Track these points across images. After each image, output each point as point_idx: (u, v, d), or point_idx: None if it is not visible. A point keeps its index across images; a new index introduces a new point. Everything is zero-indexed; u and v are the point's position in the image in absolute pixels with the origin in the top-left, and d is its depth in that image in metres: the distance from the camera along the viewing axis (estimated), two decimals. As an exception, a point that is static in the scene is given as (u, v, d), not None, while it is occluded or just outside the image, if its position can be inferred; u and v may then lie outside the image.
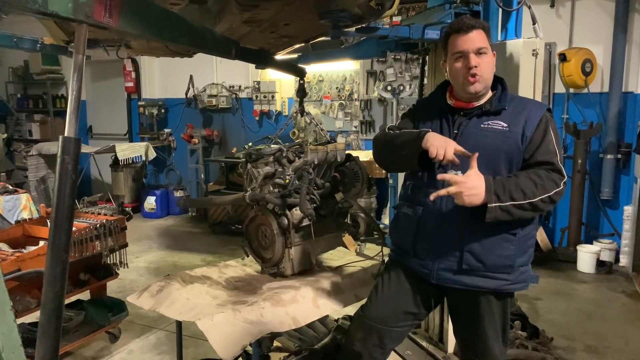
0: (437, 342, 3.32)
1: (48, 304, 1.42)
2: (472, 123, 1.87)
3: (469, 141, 1.83)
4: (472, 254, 1.83)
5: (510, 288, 1.89)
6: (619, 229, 5.14)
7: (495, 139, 1.82)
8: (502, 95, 1.89)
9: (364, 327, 2.03)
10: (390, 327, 2.00)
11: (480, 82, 1.84)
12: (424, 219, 1.92)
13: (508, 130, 1.82)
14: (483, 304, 1.89)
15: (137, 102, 7.82)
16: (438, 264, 1.90)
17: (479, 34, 1.84)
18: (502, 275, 1.84)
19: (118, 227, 3.19)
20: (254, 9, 2.15)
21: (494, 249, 1.82)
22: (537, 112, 1.84)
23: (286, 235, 2.32)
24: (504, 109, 1.86)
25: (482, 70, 1.82)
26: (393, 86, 6.10)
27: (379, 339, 1.99)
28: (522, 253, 1.86)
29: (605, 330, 3.68)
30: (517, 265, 1.84)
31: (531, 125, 1.81)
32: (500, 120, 1.84)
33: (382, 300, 2.04)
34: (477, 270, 1.84)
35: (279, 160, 2.40)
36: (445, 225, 1.87)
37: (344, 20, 2.16)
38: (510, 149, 1.81)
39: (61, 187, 1.39)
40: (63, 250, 1.41)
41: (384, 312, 2.01)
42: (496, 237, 1.82)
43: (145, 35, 1.74)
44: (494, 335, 1.91)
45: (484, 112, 1.87)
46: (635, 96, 5.13)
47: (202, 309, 1.99)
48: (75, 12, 1.38)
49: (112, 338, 3.41)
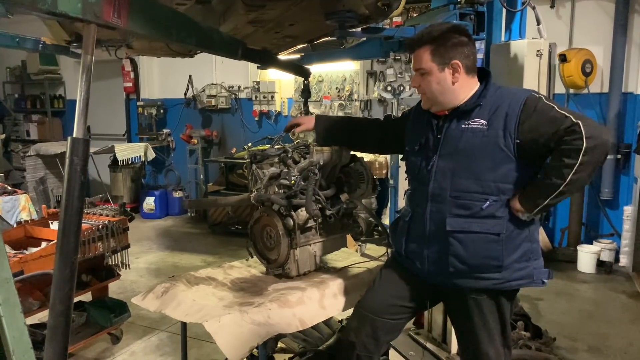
0: (440, 343, 3.31)
1: (57, 306, 1.41)
2: (453, 124, 1.86)
3: (450, 143, 1.86)
4: (456, 257, 1.83)
5: (504, 286, 1.85)
6: (619, 229, 5.15)
7: (473, 139, 1.80)
8: (482, 91, 1.84)
9: (358, 317, 2.06)
10: (384, 319, 2.01)
11: (425, 101, 1.90)
12: (413, 223, 1.98)
13: (487, 129, 1.78)
14: (472, 306, 1.89)
15: (135, 103, 7.80)
16: (427, 266, 1.93)
17: (422, 52, 1.83)
18: (492, 275, 1.83)
19: (120, 228, 3.17)
20: (261, 9, 2.15)
21: (478, 251, 1.81)
22: (518, 101, 1.77)
23: (291, 236, 2.31)
24: (480, 105, 1.82)
25: (423, 90, 1.87)
26: (393, 86, 6.10)
27: (372, 329, 2.01)
28: (513, 250, 1.82)
29: (607, 331, 3.69)
30: (507, 263, 1.81)
31: (514, 116, 1.75)
32: (481, 118, 1.81)
33: (377, 292, 2.08)
34: (464, 273, 1.84)
35: (284, 161, 2.38)
36: (430, 229, 1.90)
37: (351, 20, 2.16)
38: (489, 149, 1.77)
39: (70, 189, 1.38)
40: (72, 253, 1.40)
41: (378, 303, 2.04)
42: (480, 239, 1.80)
43: (153, 35, 1.73)
44: (487, 339, 1.89)
45: (461, 112, 1.85)
46: (635, 97, 5.15)
47: (209, 311, 1.98)
48: (84, 12, 1.37)
49: (114, 339, 3.39)
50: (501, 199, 1.80)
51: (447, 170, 1.85)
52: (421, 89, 1.86)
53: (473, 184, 1.80)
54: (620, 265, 5.03)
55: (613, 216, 5.29)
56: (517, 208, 1.80)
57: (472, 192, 1.81)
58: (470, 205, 1.81)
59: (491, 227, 1.80)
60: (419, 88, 1.87)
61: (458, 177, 1.83)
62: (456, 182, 1.83)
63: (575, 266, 5.02)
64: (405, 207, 2.08)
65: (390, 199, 5.69)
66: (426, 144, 1.94)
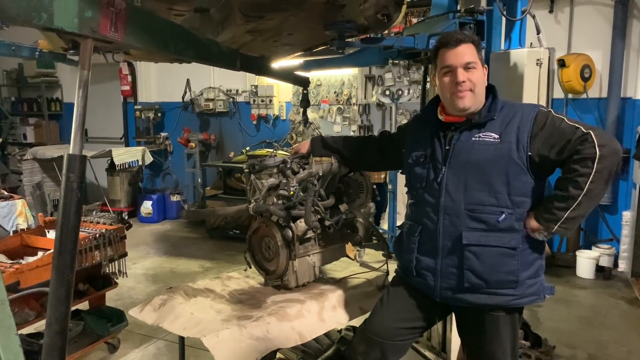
0: (439, 352, 3.30)
1: (53, 325, 1.38)
2: (463, 137, 1.85)
3: (460, 156, 1.83)
4: (472, 272, 1.81)
5: (518, 303, 1.86)
6: (618, 235, 5.15)
7: (486, 152, 1.80)
8: (492, 105, 1.85)
9: (366, 341, 2.02)
10: (393, 342, 1.99)
11: (468, 98, 1.81)
12: (423, 237, 1.93)
13: (499, 142, 1.79)
14: (488, 324, 1.87)
15: (133, 106, 7.77)
16: (440, 283, 1.89)
17: (467, 47, 1.81)
18: (507, 291, 1.82)
19: (118, 236, 3.15)
20: (259, 20, 2.13)
21: (496, 266, 1.80)
22: (529, 115, 1.79)
23: (290, 247, 2.29)
24: (493, 119, 1.82)
25: (471, 84, 1.80)
26: (391, 91, 6.10)
27: (382, 352, 1.99)
28: (527, 266, 1.83)
29: (607, 338, 3.68)
30: (522, 279, 1.81)
31: (526, 130, 1.77)
32: (492, 132, 1.81)
33: (385, 315, 2.03)
34: (480, 288, 1.82)
35: (283, 172, 2.36)
36: (444, 243, 1.86)
37: (350, 31, 2.15)
38: (502, 162, 1.78)
39: (66, 206, 1.36)
40: (68, 271, 1.38)
41: (387, 327, 2.00)
42: (497, 253, 1.79)
43: (151, 48, 1.71)
44: (502, 355, 1.89)
45: (473, 124, 1.84)
46: (633, 102, 5.15)
47: (206, 325, 1.96)
48: (80, 27, 1.35)
49: (111, 348, 3.36)
50: (516, 212, 1.79)
51: (459, 183, 1.83)
52: (467, 85, 1.79)
53: (488, 197, 1.79)
54: (619, 271, 5.03)
55: (612, 221, 5.28)
56: (534, 227, 1.79)
57: (487, 205, 1.80)
58: (485, 219, 1.80)
59: (508, 241, 1.79)
60: (464, 84, 1.79)
61: (472, 190, 1.81)
62: (470, 195, 1.81)
63: (574, 271, 5.01)
64: (408, 222, 2.04)
65: (389, 204, 5.67)
66: (432, 156, 1.91)
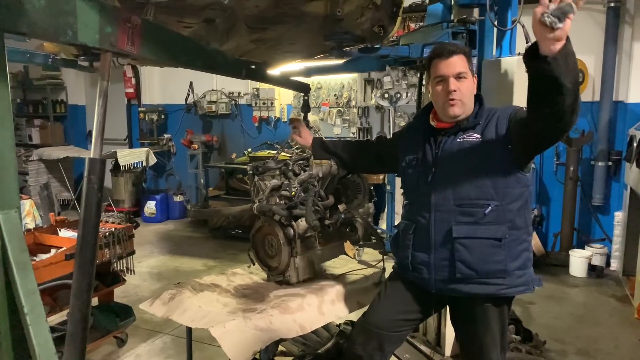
0: (434, 346, 3.43)
1: (75, 313, 1.53)
2: (450, 139, 2.02)
3: (448, 156, 2.00)
4: (463, 263, 1.94)
5: (508, 292, 1.98)
6: (610, 234, 5.28)
7: (469, 149, 1.97)
8: (479, 111, 2.02)
9: (365, 332, 2.15)
10: (390, 332, 2.12)
11: (459, 106, 1.97)
12: (417, 234, 2.07)
13: (481, 140, 1.96)
14: (479, 314, 2.01)
15: (137, 108, 7.90)
16: (435, 275, 2.02)
17: (459, 59, 1.97)
18: (497, 280, 1.95)
19: (126, 235, 3.29)
20: (262, 31, 2.27)
21: (485, 256, 1.93)
22: (506, 112, 1.97)
23: (292, 244, 2.42)
24: (479, 124, 1.99)
25: (461, 94, 1.95)
26: (390, 94, 6.22)
27: (379, 343, 2.11)
28: (514, 257, 1.95)
29: (596, 334, 3.82)
30: (510, 269, 1.94)
31: (504, 122, 1.93)
32: (475, 133, 1.98)
33: (383, 307, 2.17)
34: (471, 278, 1.95)
35: (285, 174, 2.51)
36: (436, 238, 2.00)
37: (348, 41, 2.28)
38: (484, 156, 1.94)
39: (88, 206, 1.50)
40: (89, 264, 1.53)
41: (385, 319, 2.13)
42: (485, 244, 1.93)
43: (163, 59, 1.84)
44: (492, 345, 2.01)
45: (461, 128, 2.01)
46: (625, 105, 5.28)
47: (213, 317, 2.09)
48: (101, 42, 1.48)
49: (119, 342, 3.50)
50: (502, 204, 1.93)
51: (448, 181, 1.98)
52: (458, 94, 1.95)
53: (474, 190, 1.94)
54: (611, 270, 5.16)
55: (604, 221, 5.41)
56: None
57: (473, 198, 1.94)
58: (473, 212, 1.94)
59: (494, 233, 1.92)
60: (455, 93, 1.94)
61: (459, 186, 1.96)
62: (458, 191, 1.96)
63: (567, 270, 5.14)
64: (403, 221, 2.18)
65: (387, 204, 5.81)
66: (424, 158, 2.07)
